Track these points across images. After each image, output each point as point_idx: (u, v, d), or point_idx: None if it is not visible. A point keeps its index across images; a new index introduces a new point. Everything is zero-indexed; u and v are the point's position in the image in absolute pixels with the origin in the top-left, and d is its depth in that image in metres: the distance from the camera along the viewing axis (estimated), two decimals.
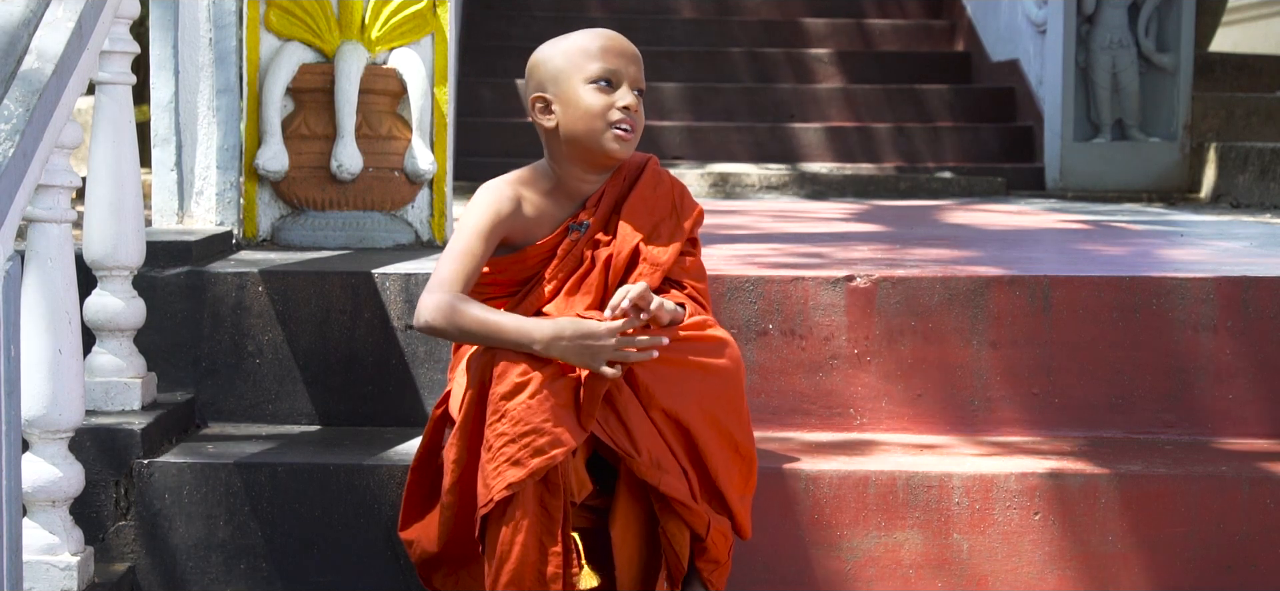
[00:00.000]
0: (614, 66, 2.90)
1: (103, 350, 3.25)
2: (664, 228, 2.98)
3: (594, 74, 2.90)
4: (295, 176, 3.98)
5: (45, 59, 2.65)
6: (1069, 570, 3.03)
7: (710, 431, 2.79)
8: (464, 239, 2.88)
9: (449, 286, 2.82)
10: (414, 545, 2.86)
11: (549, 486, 2.69)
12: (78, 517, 2.93)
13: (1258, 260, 3.89)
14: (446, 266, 2.85)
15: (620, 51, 2.92)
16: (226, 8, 3.98)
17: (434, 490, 2.86)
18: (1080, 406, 3.36)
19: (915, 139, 8.22)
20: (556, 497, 2.69)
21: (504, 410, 2.68)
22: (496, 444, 2.67)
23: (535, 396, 2.68)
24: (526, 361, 2.70)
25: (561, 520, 2.70)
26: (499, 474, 2.66)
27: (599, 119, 2.90)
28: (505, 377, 2.70)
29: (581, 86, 2.91)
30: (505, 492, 2.65)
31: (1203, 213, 6.38)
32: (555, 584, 2.68)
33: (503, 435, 2.67)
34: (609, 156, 2.92)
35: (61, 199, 2.77)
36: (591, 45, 2.92)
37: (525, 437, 2.66)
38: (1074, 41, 7.64)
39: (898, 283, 3.37)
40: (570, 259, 2.93)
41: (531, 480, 2.66)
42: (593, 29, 2.99)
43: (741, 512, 2.85)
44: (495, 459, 2.67)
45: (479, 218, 2.90)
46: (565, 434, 2.67)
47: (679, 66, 8.72)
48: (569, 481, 2.72)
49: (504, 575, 2.68)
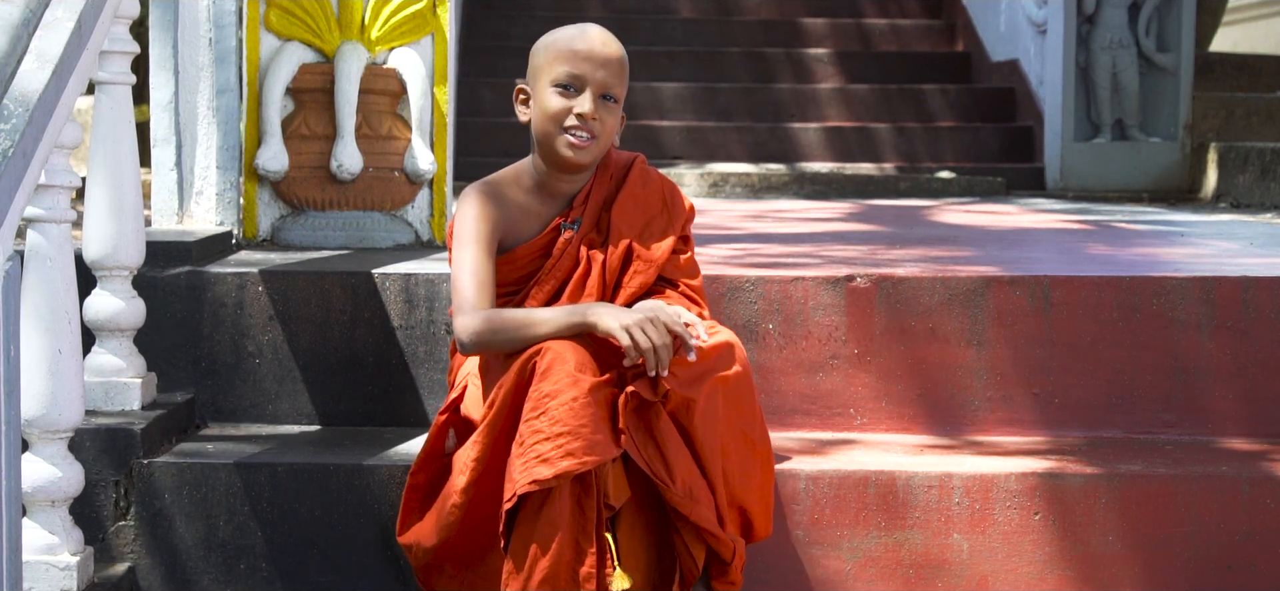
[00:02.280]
0: (579, 71, 2.88)
1: (103, 350, 3.25)
2: (655, 225, 2.98)
3: (558, 77, 2.89)
4: (295, 176, 3.98)
5: (45, 59, 2.65)
6: (1069, 570, 3.02)
7: (735, 442, 2.81)
8: (465, 254, 2.88)
9: (476, 304, 2.83)
10: (413, 548, 2.85)
11: (585, 487, 2.69)
12: (78, 517, 2.93)
13: (1258, 260, 3.90)
14: (464, 288, 2.85)
15: (590, 56, 2.89)
16: (226, 8, 3.98)
17: (434, 493, 2.85)
18: (1080, 406, 3.36)
19: (915, 139, 8.22)
20: (592, 497, 2.69)
21: (545, 408, 2.68)
22: (530, 440, 2.67)
23: (578, 400, 2.67)
24: (576, 365, 2.70)
25: (596, 521, 2.70)
26: (527, 469, 2.65)
27: (554, 123, 2.90)
28: (551, 375, 2.69)
29: (547, 88, 2.90)
30: (530, 488, 2.65)
31: (1203, 213, 6.38)
32: (588, 583, 2.67)
33: (538, 432, 2.67)
34: (564, 161, 2.92)
35: (61, 199, 2.77)
36: (566, 45, 2.90)
37: (561, 438, 2.65)
38: (1074, 41, 7.64)
39: (898, 282, 3.37)
40: (566, 258, 2.94)
41: (559, 482, 2.65)
42: (581, 26, 2.96)
43: (759, 513, 2.86)
44: (526, 454, 2.67)
45: (470, 227, 2.90)
46: (602, 443, 2.67)
47: (678, 66, 8.72)
48: (605, 483, 2.72)
49: (537, 573, 2.67)
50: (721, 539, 2.77)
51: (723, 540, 2.77)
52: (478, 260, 2.87)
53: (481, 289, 2.85)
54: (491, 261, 2.89)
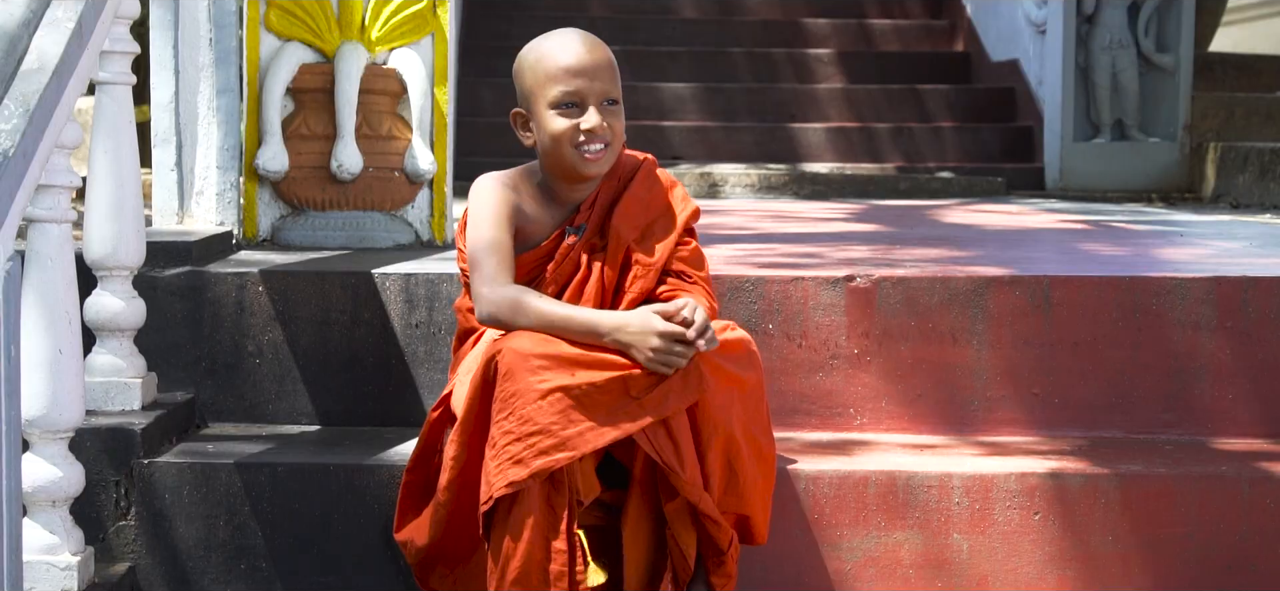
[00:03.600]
0: (575, 87, 2.85)
1: (103, 350, 3.25)
2: (658, 227, 2.97)
3: (556, 98, 2.86)
4: (295, 176, 3.98)
5: (45, 59, 2.65)
6: (1069, 570, 3.02)
7: (745, 445, 2.80)
8: (485, 231, 2.85)
9: (501, 278, 2.81)
10: (408, 545, 2.85)
11: (555, 484, 2.68)
12: (78, 517, 2.93)
13: (1258, 260, 3.90)
14: (485, 262, 2.82)
15: (580, 69, 2.86)
16: (226, 8, 3.98)
17: (428, 491, 2.85)
18: (1080, 406, 3.36)
19: (915, 139, 8.22)
20: (562, 494, 2.69)
21: (512, 407, 2.67)
22: (502, 441, 2.66)
23: (546, 397, 2.66)
24: (544, 361, 2.69)
25: (567, 518, 2.69)
26: (501, 472, 2.65)
27: (566, 143, 2.87)
28: (514, 375, 2.68)
29: (546, 111, 2.87)
30: (506, 490, 2.65)
31: (1203, 213, 6.38)
32: (560, 582, 2.67)
33: (508, 432, 2.66)
34: (583, 176, 2.91)
35: (61, 199, 2.77)
36: (553, 65, 2.87)
37: (532, 437, 2.65)
38: (1074, 41, 7.63)
39: (898, 283, 3.37)
40: (568, 262, 2.92)
41: (534, 481, 2.65)
42: (561, 37, 2.91)
43: (761, 521, 2.86)
44: (499, 456, 2.66)
45: (491, 208, 2.88)
46: (574, 438, 2.66)
47: (679, 66, 8.71)
48: (575, 481, 2.72)
49: (509, 573, 2.68)
50: (722, 528, 2.76)
51: (723, 529, 2.77)
52: (499, 237, 2.85)
53: (503, 264, 2.82)
54: (511, 242, 2.88)
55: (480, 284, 2.82)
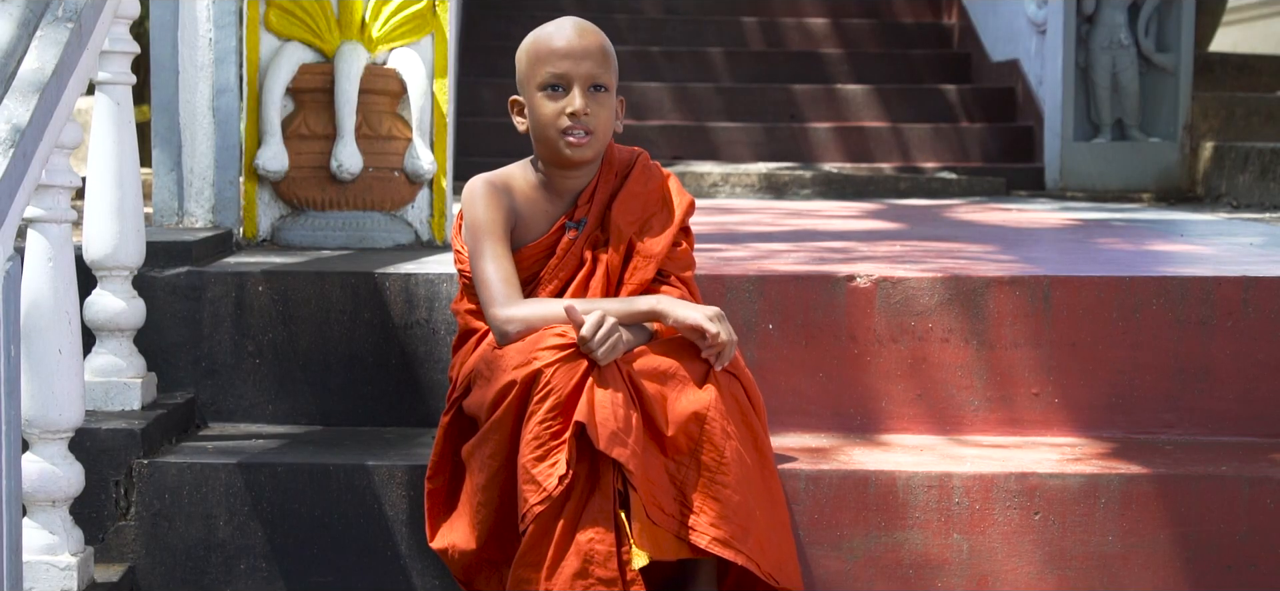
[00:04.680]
0: (561, 69, 2.87)
1: (103, 350, 3.25)
2: (656, 220, 2.98)
3: (543, 80, 2.89)
4: (295, 176, 3.98)
5: (45, 59, 2.65)
6: (1069, 570, 3.02)
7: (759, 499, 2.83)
8: (485, 247, 2.88)
9: (511, 298, 2.84)
10: (450, 552, 2.86)
11: (596, 477, 2.70)
12: (78, 517, 2.93)
13: (1258, 260, 3.89)
14: (491, 283, 2.85)
15: (569, 51, 2.87)
16: (226, 8, 3.98)
17: (454, 495, 2.86)
18: (1080, 406, 3.36)
19: (915, 138, 8.22)
20: (604, 484, 2.71)
21: (547, 403, 2.70)
22: (546, 437, 2.69)
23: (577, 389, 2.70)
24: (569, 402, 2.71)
25: (613, 505, 2.71)
26: (552, 468, 2.67)
27: (551, 126, 2.89)
28: (539, 413, 2.71)
29: (536, 93, 2.90)
30: (560, 487, 2.66)
31: (1202, 212, 6.38)
32: (609, 563, 2.68)
33: (549, 426, 2.69)
34: (567, 160, 2.92)
35: (61, 199, 2.77)
36: (545, 47, 2.89)
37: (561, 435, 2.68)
38: (1074, 41, 7.64)
39: (898, 283, 3.37)
40: (570, 257, 2.93)
41: (579, 469, 2.68)
42: (557, 22, 2.95)
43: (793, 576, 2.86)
44: (541, 451, 2.69)
45: (484, 219, 2.90)
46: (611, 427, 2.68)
47: (678, 65, 8.72)
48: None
49: (564, 569, 2.69)
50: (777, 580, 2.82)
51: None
52: (498, 253, 2.88)
53: (507, 282, 2.86)
54: (509, 250, 2.89)
55: (493, 307, 2.85)
